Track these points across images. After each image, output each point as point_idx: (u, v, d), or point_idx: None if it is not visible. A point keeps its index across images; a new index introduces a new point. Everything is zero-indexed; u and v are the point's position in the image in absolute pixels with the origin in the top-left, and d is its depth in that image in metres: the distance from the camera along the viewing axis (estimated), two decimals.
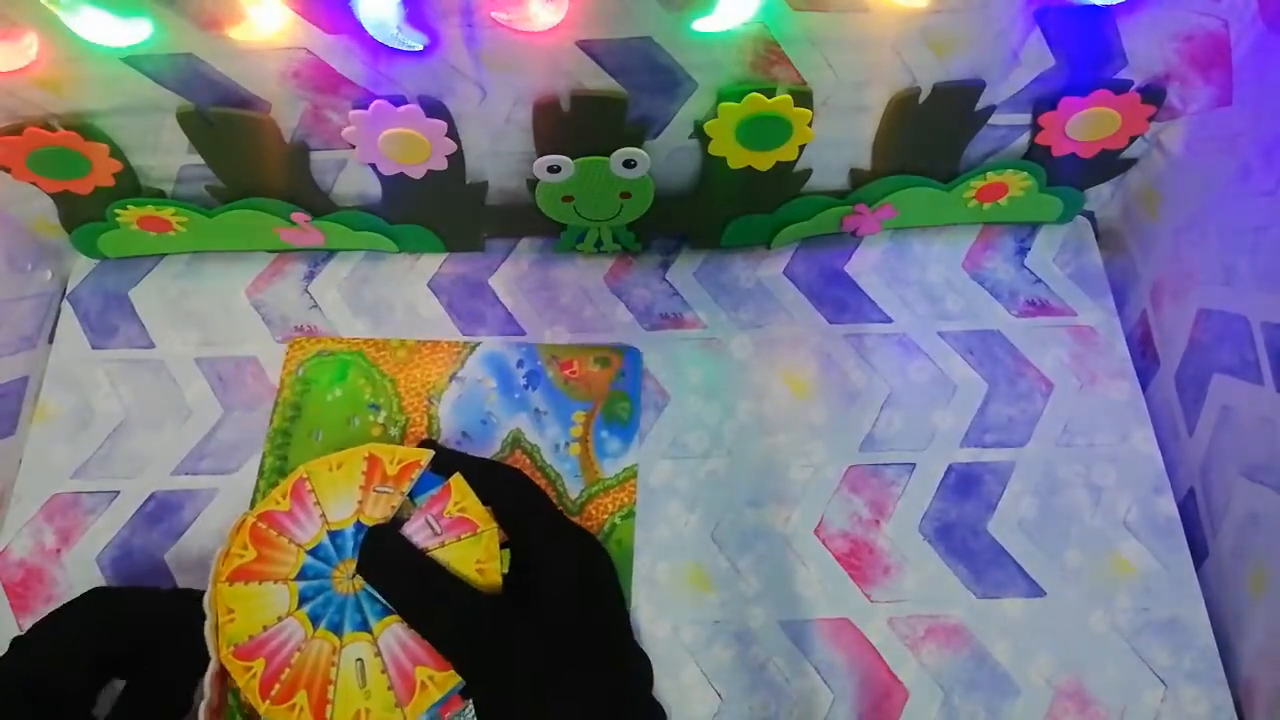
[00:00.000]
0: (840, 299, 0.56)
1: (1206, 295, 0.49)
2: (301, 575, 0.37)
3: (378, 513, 0.38)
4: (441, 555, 0.37)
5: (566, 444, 0.50)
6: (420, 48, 0.42)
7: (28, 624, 0.46)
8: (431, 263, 0.57)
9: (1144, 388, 0.54)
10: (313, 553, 0.37)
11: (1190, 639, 0.47)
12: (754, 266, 0.57)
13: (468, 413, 0.51)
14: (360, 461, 0.39)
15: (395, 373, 0.52)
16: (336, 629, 0.36)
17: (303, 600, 0.36)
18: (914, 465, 0.51)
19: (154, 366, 0.54)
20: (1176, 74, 0.47)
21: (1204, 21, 0.44)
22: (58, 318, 0.55)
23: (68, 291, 0.56)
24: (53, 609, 0.38)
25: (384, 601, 0.36)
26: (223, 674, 0.36)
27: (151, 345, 0.54)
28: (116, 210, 0.51)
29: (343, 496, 0.38)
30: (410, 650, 0.35)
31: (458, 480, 0.39)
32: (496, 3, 0.40)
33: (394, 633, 0.36)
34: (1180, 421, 0.51)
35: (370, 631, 0.36)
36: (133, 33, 0.41)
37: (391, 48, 0.42)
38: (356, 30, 0.41)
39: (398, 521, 0.38)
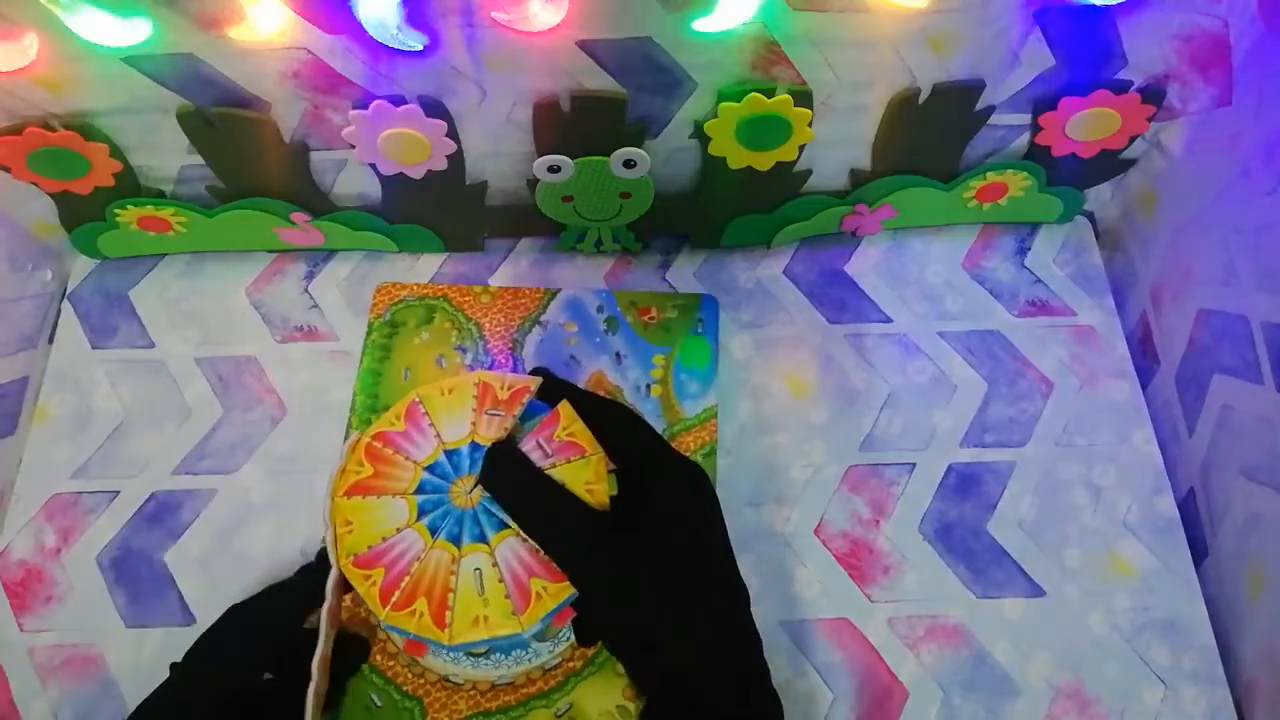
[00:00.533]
0: (840, 299, 0.56)
1: (1206, 295, 0.49)
2: (420, 490, 0.38)
3: (491, 433, 0.39)
4: (553, 476, 0.38)
5: (648, 386, 0.52)
6: (420, 48, 0.42)
7: (27, 623, 0.47)
8: (431, 263, 0.57)
9: (1144, 388, 0.54)
10: (430, 469, 0.39)
11: (1190, 639, 0.47)
12: (754, 266, 0.57)
13: (551, 355, 0.53)
14: (471, 387, 0.40)
15: (479, 317, 0.54)
16: (455, 540, 0.37)
17: (421, 513, 0.38)
18: (914, 465, 0.51)
19: (154, 366, 0.54)
20: (1176, 74, 0.47)
21: (1204, 22, 0.44)
22: (58, 318, 0.55)
23: (68, 291, 0.56)
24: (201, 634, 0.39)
25: (501, 515, 0.37)
26: (342, 584, 0.38)
27: (151, 345, 0.54)
28: (116, 210, 0.51)
29: (456, 418, 0.39)
30: (526, 562, 0.36)
31: (565, 407, 0.40)
32: (496, 3, 0.40)
33: (510, 545, 0.37)
34: (1180, 421, 0.51)
35: (488, 543, 0.37)
36: (133, 33, 0.41)
37: (391, 48, 0.42)
38: (356, 30, 0.41)
39: (511, 441, 0.39)
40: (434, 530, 0.37)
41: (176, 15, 0.40)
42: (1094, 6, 0.43)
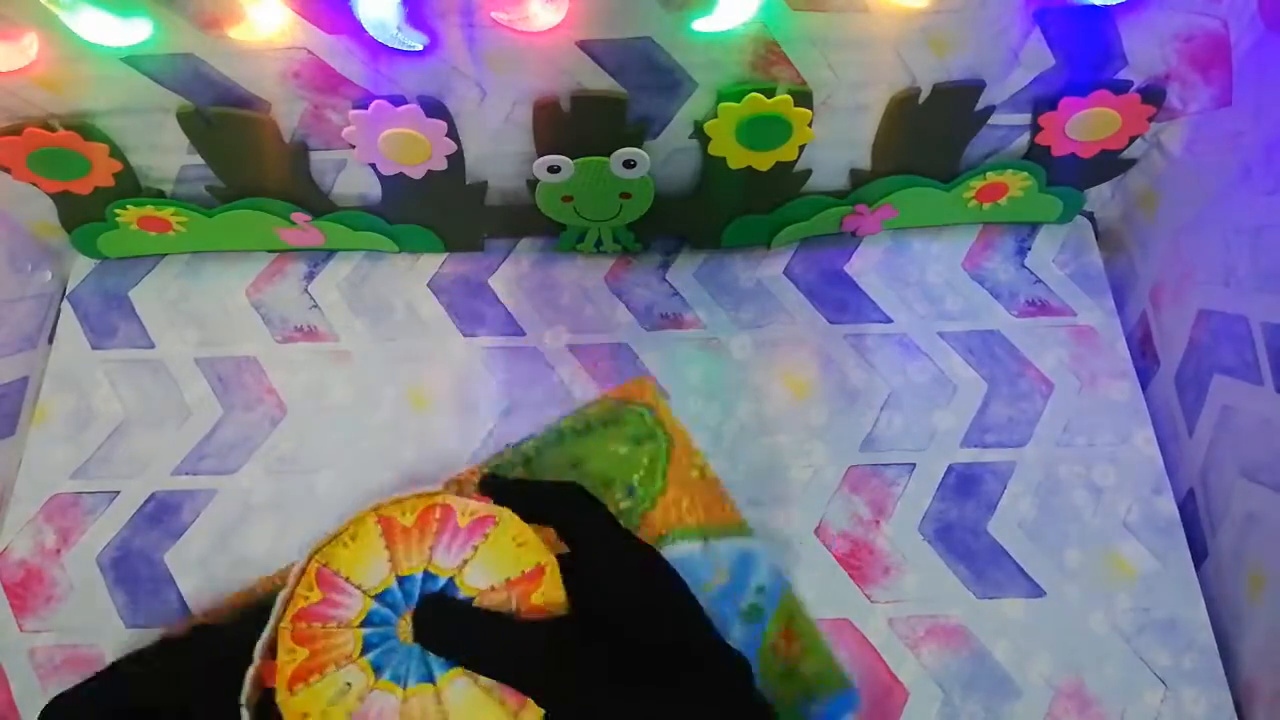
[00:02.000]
0: (840, 299, 0.56)
1: (1206, 295, 0.49)
2: (366, 646, 0.35)
3: (412, 561, 0.37)
4: (480, 560, 0.36)
5: None
6: (420, 48, 0.42)
7: (28, 624, 0.47)
8: (431, 263, 0.57)
9: (1144, 388, 0.54)
10: (366, 622, 0.36)
11: (1190, 639, 0.47)
12: (754, 266, 0.57)
13: None
14: (373, 526, 0.38)
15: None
16: (428, 678, 0.35)
17: (378, 669, 0.35)
18: (914, 465, 0.51)
19: (154, 367, 0.54)
20: (1176, 74, 0.47)
21: (1204, 22, 0.44)
22: (58, 318, 0.55)
23: (68, 292, 0.56)
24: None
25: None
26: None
27: (151, 345, 0.54)
28: (116, 210, 0.51)
29: (371, 564, 0.37)
30: (479, 698, 0.35)
31: (451, 497, 0.38)
32: (496, 3, 0.40)
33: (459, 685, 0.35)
34: (1180, 422, 0.51)
35: (434, 683, 0.35)
36: (133, 33, 0.41)
37: (391, 48, 0.42)
38: (356, 30, 0.41)
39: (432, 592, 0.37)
40: (400, 680, 0.35)
41: (176, 15, 0.40)
42: (1094, 6, 0.43)
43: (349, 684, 0.35)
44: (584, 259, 0.57)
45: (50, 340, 0.55)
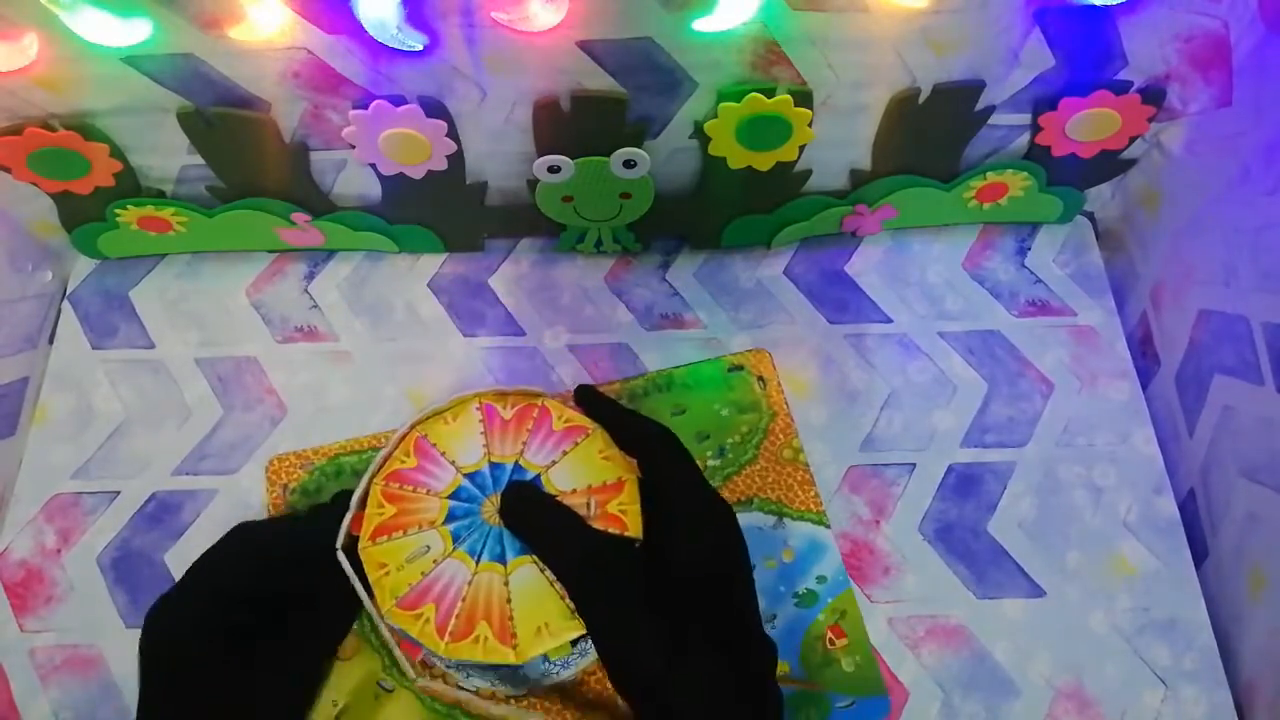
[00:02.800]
0: (840, 299, 0.56)
1: (1207, 296, 0.49)
2: (450, 518, 0.38)
3: (506, 450, 0.39)
4: (566, 464, 0.38)
5: None
6: (420, 48, 0.42)
7: (28, 624, 0.47)
8: (431, 263, 0.57)
9: (1144, 388, 0.54)
10: (454, 495, 0.39)
11: (1190, 639, 0.47)
12: (754, 267, 0.57)
13: None
14: (474, 411, 0.40)
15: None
16: (500, 559, 0.37)
17: (456, 540, 0.38)
18: (914, 465, 0.51)
19: (154, 367, 0.54)
20: (1177, 75, 0.47)
21: (1204, 22, 0.44)
22: (58, 318, 0.55)
23: (68, 292, 0.56)
24: (203, 554, 0.39)
25: None
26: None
27: (152, 345, 0.54)
28: (116, 210, 0.51)
29: (467, 444, 0.40)
30: None
31: (549, 401, 0.40)
32: (496, 3, 0.40)
33: None
34: (1180, 422, 0.51)
35: (532, 554, 0.37)
36: (133, 33, 0.41)
37: (391, 48, 0.42)
38: (356, 30, 0.41)
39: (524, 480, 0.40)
40: (475, 554, 0.37)
41: (176, 15, 0.40)
42: (1094, 6, 0.43)
43: (428, 546, 0.37)
44: (584, 259, 0.57)
45: (51, 340, 0.55)
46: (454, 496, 0.39)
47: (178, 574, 0.48)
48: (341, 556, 0.38)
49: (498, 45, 0.42)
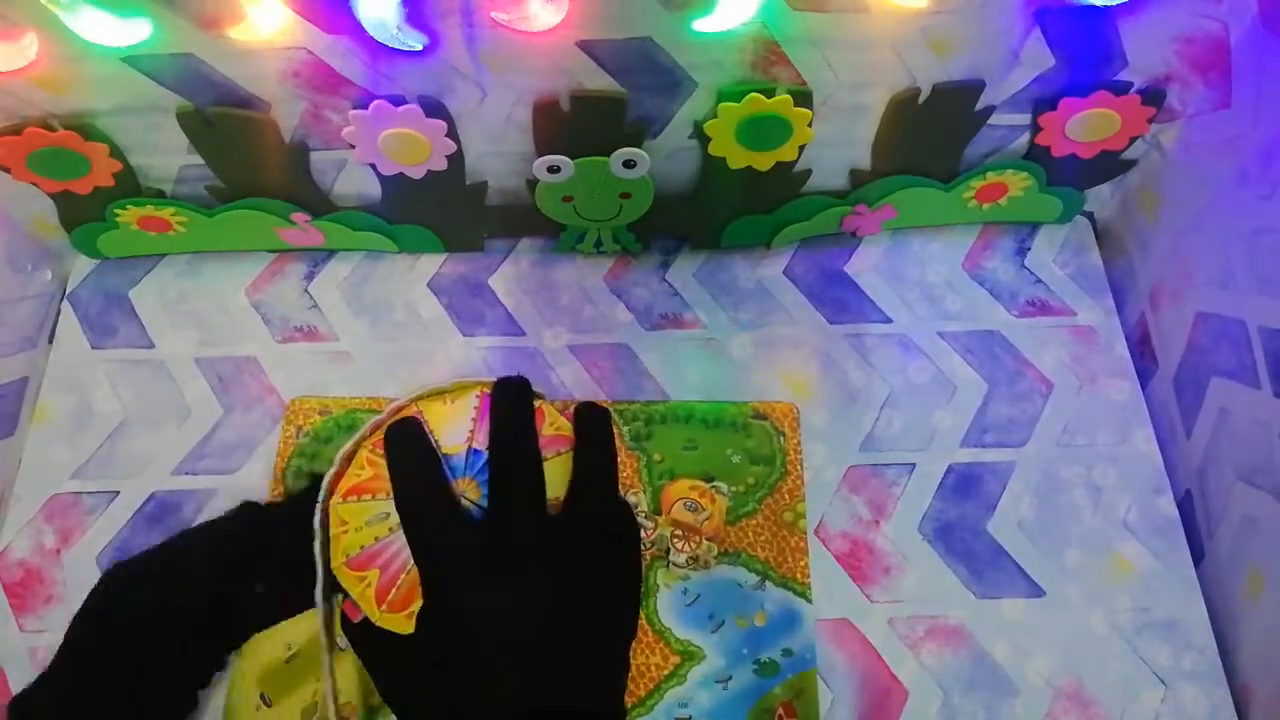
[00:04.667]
0: (840, 299, 0.56)
1: (1205, 298, 0.49)
2: None
3: (488, 441, 0.39)
4: (549, 469, 0.38)
5: None
6: (420, 48, 0.42)
7: (27, 624, 0.47)
8: (431, 263, 0.57)
9: (1142, 389, 0.54)
10: None
11: (1190, 639, 0.47)
12: (754, 267, 0.57)
13: None
14: (473, 398, 0.41)
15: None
16: None
17: None
18: (914, 465, 0.51)
19: (154, 366, 0.54)
20: (1176, 76, 0.47)
21: (1204, 24, 0.44)
22: (58, 318, 0.55)
23: (68, 292, 0.56)
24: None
25: None
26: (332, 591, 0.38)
27: (151, 345, 0.54)
28: (116, 210, 0.51)
29: (455, 427, 0.40)
30: None
31: (546, 406, 0.40)
32: (496, 3, 0.40)
33: None
34: (1178, 424, 0.51)
35: None
36: (132, 32, 0.41)
37: (391, 48, 0.42)
38: (356, 30, 0.41)
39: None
40: None
41: (176, 15, 0.40)
42: (1094, 7, 0.43)
43: (388, 514, 0.37)
44: (584, 259, 0.57)
45: (50, 340, 0.55)
46: None
47: None
48: (318, 511, 0.38)
49: (498, 45, 0.42)
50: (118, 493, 0.50)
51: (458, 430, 0.39)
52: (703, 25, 0.41)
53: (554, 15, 0.41)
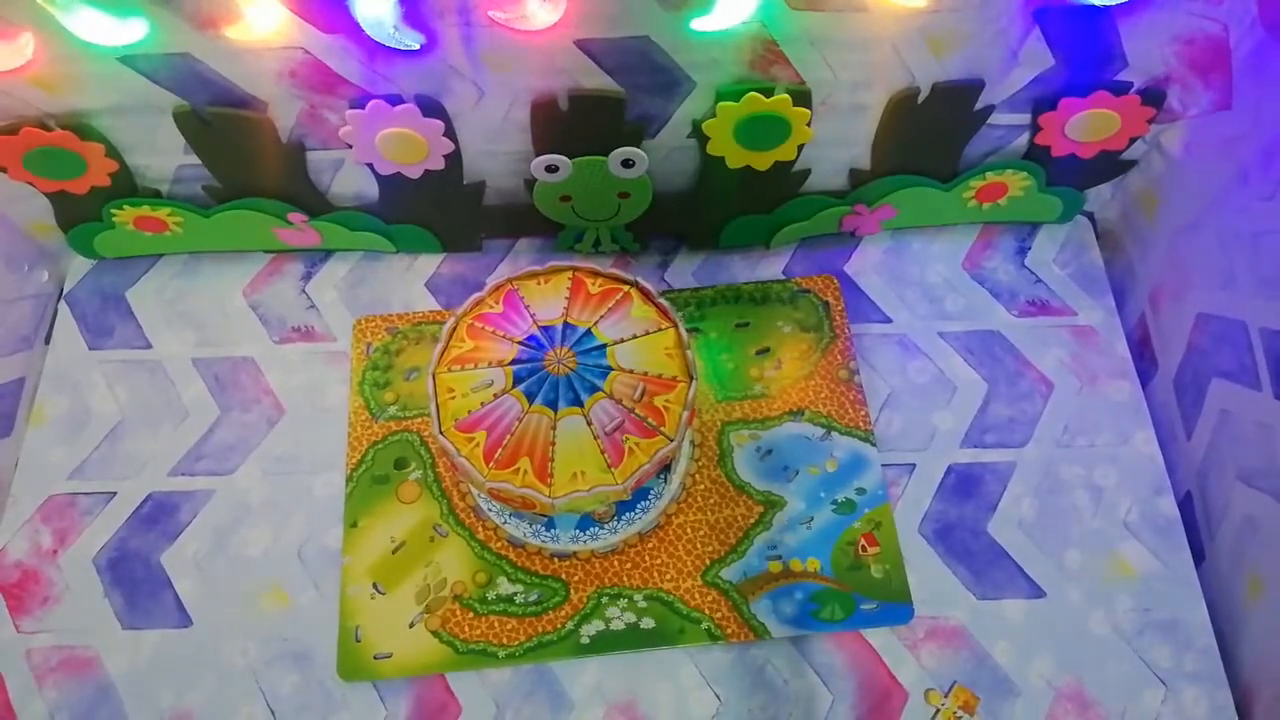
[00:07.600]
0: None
1: (1205, 299, 0.49)
2: (516, 360, 0.42)
3: (583, 316, 0.43)
4: (632, 346, 0.42)
5: None
6: (417, 47, 0.42)
7: (24, 625, 0.47)
8: (429, 263, 0.57)
9: (1142, 389, 0.53)
10: (525, 342, 0.42)
11: (1191, 640, 0.47)
12: (753, 266, 0.57)
13: None
14: (565, 279, 0.44)
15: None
16: (552, 405, 0.41)
17: (517, 380, 0.41)
18: (914, 465, 0.51)
19: (151, 367, 0.54)
20: (1177, 76, 0.47)
21: (1204, 25, 0.44)
22: (54, 318, 0.55)
23: (64, 292, 0.56)
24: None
25: (594, 380, 0.41)
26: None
27: (148, 346, 0.54)
28: (113, 210, 0.51)
29: (550, 303, 0.43)
30: (618, 421, 0.40)
31: (637, 292, 0.44)
32: (494, 2, 0.40)
33: (603, 407, 0.41)
34: (1178, 425, 0.51)
35: (582, 406, 0.41)
36: (129, 32, 0.40)
37: (388, 47, 0.41)
38: (353, 30, 0.41)
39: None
40: (530, 396, 0.41)
41: (173, 15, 0.40)
42: (1094, 7, 0.43)
43: (492, 381, 0.41)
44: (582, 259, 0.57)
45: (47, 341, 0.54)
46: (525, 343, 0.42)
47: (174, 575, 0.48)
48: (430, 381, 0.41)
49: (495, 44, 0.42)
50: (114, 493, 0.50)
51: (553, 306, 0.43)
52: (701, 24, 0.41)
53: (552, 14, 0.40)
